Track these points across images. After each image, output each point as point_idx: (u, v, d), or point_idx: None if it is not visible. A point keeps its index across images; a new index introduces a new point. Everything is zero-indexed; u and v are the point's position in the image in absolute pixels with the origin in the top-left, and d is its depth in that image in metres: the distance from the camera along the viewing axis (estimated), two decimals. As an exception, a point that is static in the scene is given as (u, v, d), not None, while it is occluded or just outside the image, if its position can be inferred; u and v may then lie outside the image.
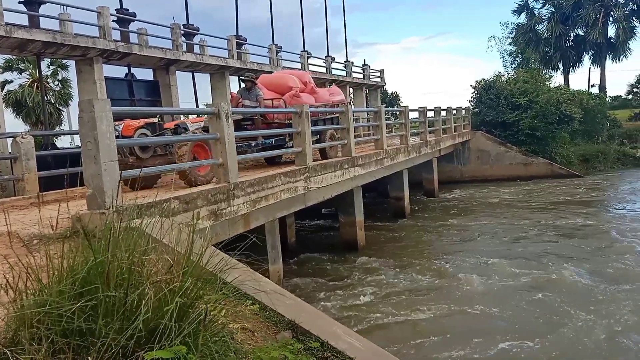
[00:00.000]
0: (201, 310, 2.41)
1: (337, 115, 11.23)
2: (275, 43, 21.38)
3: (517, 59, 41.58)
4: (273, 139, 9.73)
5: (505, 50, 42.96)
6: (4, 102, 23.34)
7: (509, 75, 28.72)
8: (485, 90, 26.75)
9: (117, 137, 6.42)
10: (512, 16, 44.66)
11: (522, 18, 38.72)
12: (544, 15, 37.76)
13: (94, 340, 2.11)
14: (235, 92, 10.67)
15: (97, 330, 2.13)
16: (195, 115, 9.40)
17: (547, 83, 28.23)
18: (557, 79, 37.16)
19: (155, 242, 2.87)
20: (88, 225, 4.16)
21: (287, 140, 10.01)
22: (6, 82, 27.14)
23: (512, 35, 40.59)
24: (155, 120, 7.79)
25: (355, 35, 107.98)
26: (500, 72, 28.90)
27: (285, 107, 10.10)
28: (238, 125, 9.36)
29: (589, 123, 27.76)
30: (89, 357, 2.07)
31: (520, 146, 24.35)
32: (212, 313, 2.53)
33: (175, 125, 7.96)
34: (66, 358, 2.08)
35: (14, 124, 26.03)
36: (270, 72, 20.31)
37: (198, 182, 6.69)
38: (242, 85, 10.26)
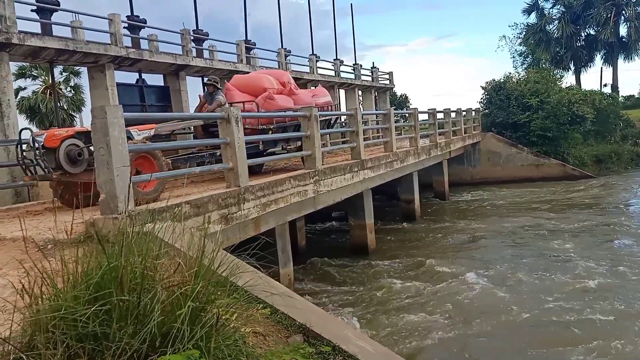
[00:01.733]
0: (213, 314, 2.44)
1: (322, 119, 10.19)
2: (284, 47, 21.46)
3: (527, 59, 41.35)
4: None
5: (515, 50, 42.77)
6: (17, 108, 23.70)
7: (520, 76, 28.54)
8: (496, 91, 26.61)
9: (36, 149, 6.10)
10: (521, 16, 44.42)
11: (532, 18, 38.54)
12: (554, 15, 37.53)
13: (108, 344, 2.14)
14: (202, 96, 9.80)
15: (111, 335, 2.16)
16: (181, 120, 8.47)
17: (558, 83, 28.02)
18: (568, 79, 36.98)
19: (167, 247, 2.91)
20: (102, 230, 4.21)
21: (260, 147, 9.12)
22: (20, 88, 27.52)
23: (522, 36, 40.37)
24: (90, 128, 7.13)
25: (363, 38, 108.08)
26: (510, 73, 28.76)
27: (258, 111, 9.32)
28: (205, 131, 8.99)
29: (601, 123, 27.49)
30: (104, 361, 2.10)
31: (532, 147, 24.17)
32: (223, 317, 2.56)
33: None
34: (81, 361, 2.12)
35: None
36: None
37: (142, 200, 5.53)
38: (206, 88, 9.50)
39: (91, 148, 6.45)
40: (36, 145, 6.14)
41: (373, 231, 12.29)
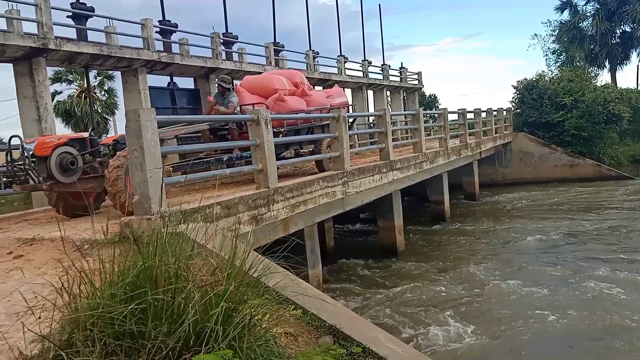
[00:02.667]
0: (245, 315, 2.46)
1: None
2: (312, 49, 21.52)
3: (561, 57, 40.37)
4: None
5: (548, 48, 41.80)
6: (54, 112, 24.42)
7: (553, 74, 27.89)
8: (528, 90, 26.08)
9: (26, 157, 5.88)
10: (549, 15, 43.42)
11: (566, 15, 37.57)
12: (588, 12, 36.52)
13: (144, 342, 2.19)
14: (212, 97, 9.47)
15: (147, 333, 2.21)
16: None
17: (593, 81, 27.29)
18: (603, 77, 35.89)
19: (199, 247, 2.95)
20: (136, 230, 4.30)
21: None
22: (56, 92, 28.36)
23: (556, 33, 39.42)
24: (85, 135, 6.65)
25: (391, 38, 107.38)
26: (543, 71, 28.15)
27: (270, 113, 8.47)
28: (214, 134, 8.62)
29: (638, 122, 26.62)
30: (140, 359, 2.15)
31: (566, 147, 23.61)
32: (255, 317, 2.58)
33: (113, 140, 6.50)
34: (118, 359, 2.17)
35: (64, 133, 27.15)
36: (310, 78, 20.48)
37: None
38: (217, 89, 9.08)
39: (85, 156, 6.37)
40: (25, 153, 5.90)
41: (402, 233, 12.20)
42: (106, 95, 29.66)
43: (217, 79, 9.40)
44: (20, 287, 3.21)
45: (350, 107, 12.00)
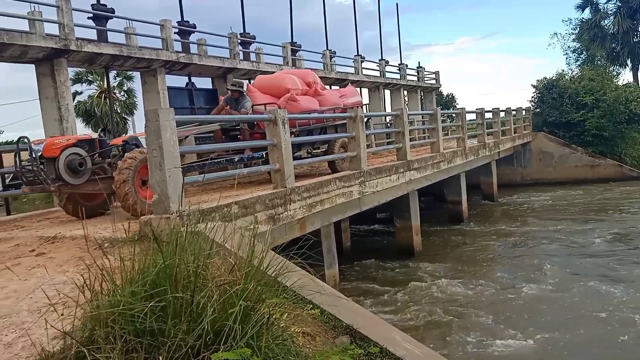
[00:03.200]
0: (263, 313, 2.48)
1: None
2: (329, 48, 21.52)
3: (581, 55, 39.73)
4: (264, 152, 7.73)
5: (568, 47, 41.17)
6: (74, 112, 24.81)
7: (573, 73, 27.46)
8: (548, 90, 25.72)
9: (34, 159, 5.85)
10: (573, 12, 42.76)
11: (587, 13, 36.99)
12: (610, 10, 35.90)
13: (164, 340, 2.21)
14: (223, 98, 9.32)
15: (167, 331, 2.23)
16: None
17: (614, 80, 26.80)
18: (625, 76, 35.25)
19: (218, 247, 2.97)
20: (156, 229, 4.34)
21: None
22: (77, 93, 28.80)
23: (576, 32, 38.80)
24: (93, 136, 6.60)
25: (409, 37, 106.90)
26: (563, 70, 27.73)
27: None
28: (226, 134, 8.54)
29: (661, 122, 26.08)
30: (160, 357, 2.17)
31: (586, 147, 23.23)
32: (273, 316, 2.59)
33: (123, 141, 6.43)
34: (138, 357, 2.19)
35: (84, 133, 27.57)
36: (326, 78, 20.46)
37: (144, 212, 5.00)
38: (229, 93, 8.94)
39: (95, 157, 6.34)
40: (33, 155, 5.90)
41: (419, 233, 12.13)
42: (125, 95, 30.03)
43: (229, 85, 9.26)
44: (43, 285, 3.27)
45: (365, 107, 11.73)
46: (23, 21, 10.91)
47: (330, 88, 15.13)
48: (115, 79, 28.96)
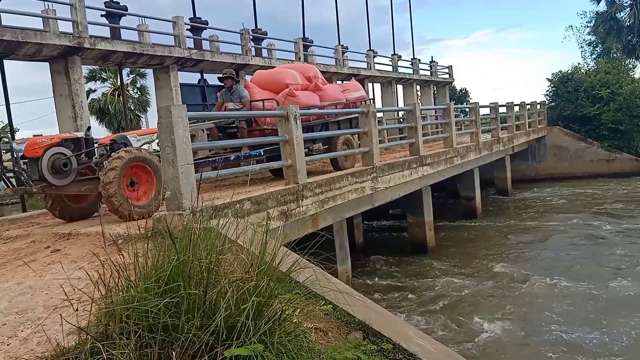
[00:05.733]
0: (276, 309, 2.48)
1: (356, 115, 9.26)
2: (341, 44, 21.44)
3: (597, 49, 39.12)
4: (262, 150, 7.76)
5: (584, 40, 40.55)
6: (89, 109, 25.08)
7: (588, 67, 27.07)
8: (563, 83, 25.40)
9: (15, 159, 5.64)
10: (588, 5, 42.11)
11: (602, 6, 36.36)
12: (625, 2, 35.27)
13: (177, 335, 2.22)
14: (219, 94, 9.04)
15: (180, 326, 2.24)
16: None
17: (631, 73, 26.40)
18: (641, 69, 34.54)
19: (230, 243, 2.97)
20: (170, 225, 4.36)
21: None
22: (90, 90, 29.09)
23: (591, 25, 38.20)
24: (79, 134, 6.35)
25: (422, 32, 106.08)
26: (578, 64, 27.36)
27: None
28: (222, 132, 8.35)
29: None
30: (173, 352, 2.18)
31: (602, 141, 22.91)
32: (286, 312, 2.59)
33: (111, 140, 6.23)
34: (152, 352, 2.20)
35: (97, 130, 27.88)
36: (339, 73, 20.40)
37: (133, 214, 4.76)
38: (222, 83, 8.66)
39: (81, 157, 6.09)
40: (15, 155, 5.67)
41: (432, 229, 12.06)
42: (139, 92, 30.26)
43: (221, 74, 8.88)
44: (58, 280, 3.30)
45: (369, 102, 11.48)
46: (37, 19, 11.04)
47: (341, 82, 15.04)
48: (129, 76, 29.22)
